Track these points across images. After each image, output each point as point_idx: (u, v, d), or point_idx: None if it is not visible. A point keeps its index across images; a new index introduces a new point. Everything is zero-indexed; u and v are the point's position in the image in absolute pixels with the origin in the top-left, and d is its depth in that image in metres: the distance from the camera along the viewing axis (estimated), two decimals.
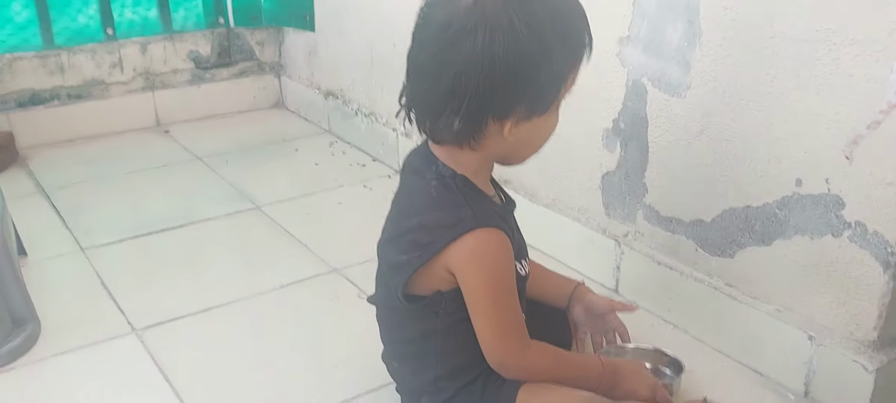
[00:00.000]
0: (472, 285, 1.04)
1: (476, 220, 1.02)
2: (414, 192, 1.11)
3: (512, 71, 0.96)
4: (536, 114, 1.02)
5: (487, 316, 1.06)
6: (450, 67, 0.96)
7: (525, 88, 0.98)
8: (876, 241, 1.13)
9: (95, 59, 2.41)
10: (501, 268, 1.04)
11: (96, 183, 2.11)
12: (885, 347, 1.18)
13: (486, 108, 0.99)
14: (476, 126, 1.00)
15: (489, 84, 0.96)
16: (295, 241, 1.79)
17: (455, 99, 0.98)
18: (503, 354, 1.07)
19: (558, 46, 0.98)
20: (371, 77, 2.23)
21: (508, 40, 0.94)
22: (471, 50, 0.95)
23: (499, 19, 0.94)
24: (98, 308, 1.53)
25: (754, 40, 1.21)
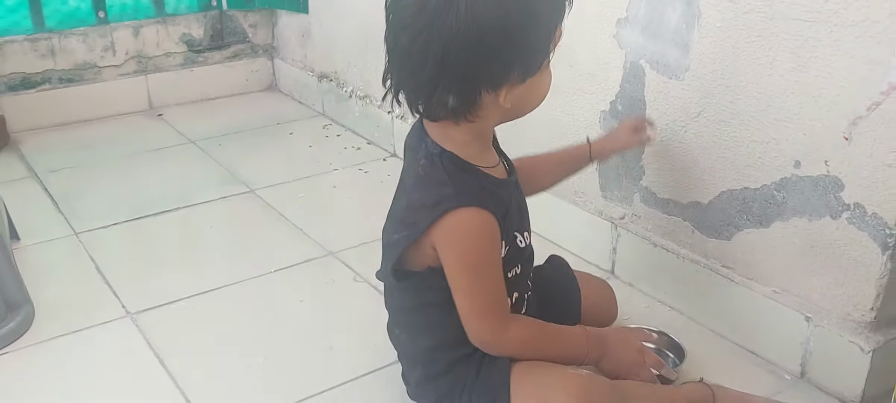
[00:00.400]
0: (451, 263, 1.04)
1: (457, 199, 1.01)
2: (406, 171, 1.12)
3: (500, 37, 0.94)
4: (530, 75, 1.00)
5: (466, 293, 1.06)
6: (436, 44, 0.94)
7: (516, 52, 0.97)
8: (874, 223, 1.13)
9: (87, 43, 2.39)
10: (480, 247, 1.04)
11: (89, 167, 2.10)
12: (881, 328, 1.18)
13: (479, 79, 0.97)
14: (471, 99, 0.99)
15: (479, 54, 0.94)
16: (290, 225, 1.79)
17: (446, 75, 0.96)
18: (482, 330, 1.07)
19: (542, 2, 0.97)
20: (366, 59, 2.22)
21: (491, 5, 0.92)
22: (455, 22, 0.92)
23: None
24: (92, 291, 1.52)
25: (754, 22, 1.20)
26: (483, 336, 1.08)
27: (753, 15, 1.20)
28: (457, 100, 0.98)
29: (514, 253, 1.11)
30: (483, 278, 1.05)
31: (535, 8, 0.96)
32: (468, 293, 1.06)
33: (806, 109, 1.17)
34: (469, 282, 1.05)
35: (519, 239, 1.12)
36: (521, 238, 1.13)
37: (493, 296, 1.07)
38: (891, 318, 1.18)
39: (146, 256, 1.67)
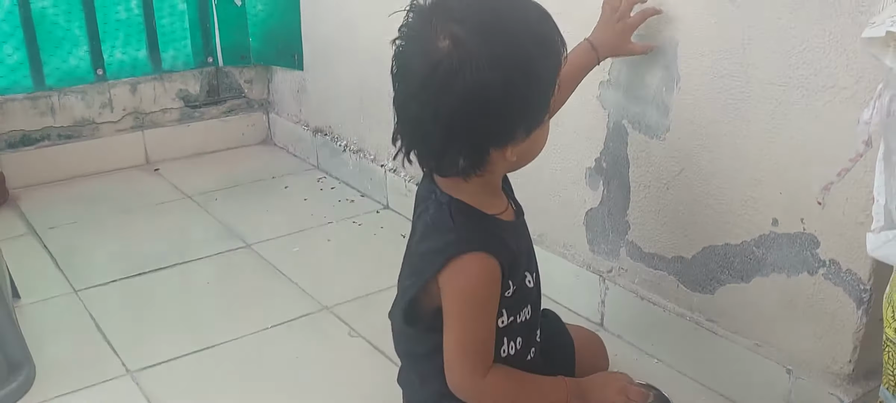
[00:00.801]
0: (448, 302, 1.09)
1: (462, 245, 1.06)
2: (418, 220, 1.16)
3: (504, 100, 0.98)
4: (534, 130, 1.06)
5: (454, 332, 1.09)
6: (444, 112, 0.98)
7: (520, 112, 1.02)
8: (849, 279, 1.17)
9: (86, 100, 2.44)
10: (478, 292, 1.07)
11: (88, 223, 2.14)
12: (860, 380, 1.22)
13: (487, 141, 1.03)
14: (480, 158, 1.04)
15: (486, 119, 0.99)
16: (285, 280, 1.82)
17: (456, 140, 1.01)
18: (461, 374, 1.09)
19: (541, 61, 1.01)
20: (359, 114, 2.27)
21: (496, 71, 0.96)
22: (462, 90, 0.97)
23: (481, 53, 0.96)
24: (92, 350, 1.55)
25: (730, 86, 1.26)
26: (461, 378, 1.10)
27: (729, 79, 1.25)
28: (466, 161, 1.03)
29: (523, 293, 1.15)
30: (474, 321, 1.09)
31: (535, 68, 1.00)
32: (456, 331, 1.09)
33: (781, 170, 1.22)
34: (459, 323, 1.09)
35: (527, 278, 1.16)
36: (530, 278, 1.17)
37: (479, 341, 1.10)
38: (868, 370, 1.22)
39: (145, 313, 1.70)
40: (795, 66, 1.16)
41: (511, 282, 1.11)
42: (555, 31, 1.04)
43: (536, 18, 1.03)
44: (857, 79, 1.09)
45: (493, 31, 0.98)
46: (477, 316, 1.09)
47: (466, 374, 1.10)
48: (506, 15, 1.00)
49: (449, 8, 1.00)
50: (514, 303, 1.13)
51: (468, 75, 0.96)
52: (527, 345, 1.20)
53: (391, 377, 1.29)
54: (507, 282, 1.11)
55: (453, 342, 1.09)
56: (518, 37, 0.99)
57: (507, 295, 1.11)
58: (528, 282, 1.16)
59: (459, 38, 0.97)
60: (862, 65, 1.08)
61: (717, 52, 1.27)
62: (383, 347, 1.51)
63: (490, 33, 0.98)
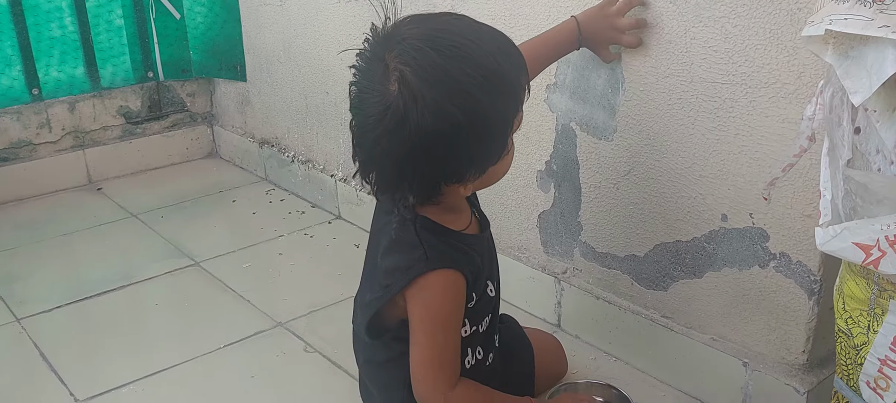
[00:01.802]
0: (415, 317, 1.08)
1: (428, 263, 1.06)
2: (380, 233, 1.15)
3: (452, 145, 0.98)
4: (490, 165, 1.05)
5: (421, 346, 1.09)
6: (393, 154, 0.99)
7: (470, 155, 1.01)
8: (800, 270, 1.19)
9: (21, 120, 2.37)
10: (445, 308, 1.08)
11: (29, 247, 2.07)
12: (814, 369, 1.24)
13: (437, 179, 1.03)
14: (431, 193, 1.04)
15: (434, 162, 1.00)
16: (237, 297, 1.79)
17: (406, 178, 1.01)
18: (427, 387, 1.10)
19: (492, 105, 0.99)
20: (306, 124, 2.24)
21: (440, 119, 0.96)
22: (408, 135, 0.97)
23: (426, 99, 0.95)
24: (38, 380, 1.50)
25: (674, 85, 1.27)
26: (428, 392, 1.10)
27: (673, 79, 1.26)
28: (418, 198, 1.05)
29: (484, 303, 1.15)
30: (441, 335, 1.09)
31: (484, 111, 0.98)
32: (423, 346, 1.09)
33: (728, 166, 1.23)
34: (426, 337, 1.08)
35: (489, 287, 1.17)
36: (491, 286, 1.18)
37: (446, 355, 1.10)
38: (822, 359, 1.24)
39: (92, 339, 1.65)
40: (738, 64, 1.18)
41: (474, 294, 1.12)
42: (514, 68, 1.01)
43: (492, 55, 0.99)
44: (798, 76, 1.11)
45: (440, 77, 0.96)
46: (445, 331, 1.09)
47: (434, 388, 1.09)
48: (456, 56, 0.97)
49: (401, 45, 0.98)
50: (475, 313, 1.13)
51: (413, 121, 0.96)
52: (486, 352, 1.20)
53: (349, 389, 1.28)
54: (470, 294, 1.11)
55: (421, 357, 1.09)
56: (466, 81, 0.96)
57: (470, 305, 1.11)
58: (489, 291, 1.17)
59: (407, 81, 0.96)
60: (802, 61, 1.10)
61: (660, 52, 1.27)
62: (340, 361, 1.49)
63: (436, 79, 0.96)
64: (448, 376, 1.10)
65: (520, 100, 1.04)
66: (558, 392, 1.34)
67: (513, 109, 1.04)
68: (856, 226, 0.83)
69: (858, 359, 0.94)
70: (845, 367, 0.97)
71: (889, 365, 0.90)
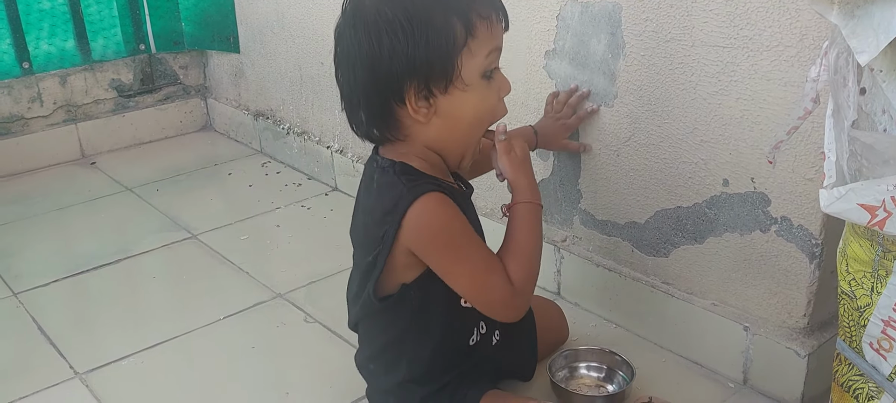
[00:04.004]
0: (432, 255, 1.08)
1: (410, 193, 1.05)
2: (363, 195, 1.16)
3: (382, 53, 1.02)
4: (437, 88, 1.05)
5: (459, 275, 1.08)
6: (341, 71, 1.09)
7: (403, 65, 1.03)
8: (801, 234, 1.19)
9: (13, 95, 2.34)
10: (448, 224, 1.07)
11: (23, 222, 2.06)
12: (814, 332, 1.24)
13: (378, 95, 1.06)
14: (381, 114, 1.07)
15: (368, 72, 1.04)
16: (235, 269, 1.78)
17: (353, 96, 1.08)
18: (497, 300, 1.10)
19: (430, 20, 1.02)
20: (301, 95, 2.23)
21: (373, 27, 1.02)
22: (347, 49, 1.06)
23: (361, 12, 1.04)
24: (38, 354, 1.50)
25: (675, 50, 1.26)
26: (504, 303, 1.10)
27: (674, 43, 1.25)
28: (367, 115, 1.08)
29: None
30: (465, 251, 1.09)
31: (422, 23, 1.02)
32: (461, 273, 1.08)
33: (730, 130, 1.22)
34: (457, 262, 1.08)
35: None
36: None
37: (484, 263, 1.10)
38: (823, 323, 1.24)
39: (90, 313, 1.65)
40: (739, 27, 1.17)
41: None
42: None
43: None
44: (801, 38, 1.10)
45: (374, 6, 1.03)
46: (465, 244, 1.09)
47: (503, 290, 1.09)
48: None
49: None
50: None
51: (348, 32, 1.05)
52: (490, 328, 1.21)
53: (350, 358, 1.28)
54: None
55: (467, 284, 1.09)
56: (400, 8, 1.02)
57: None
58: None
59: (349, 4, 1.06)
60: (805, 23, 1.09)
61: (661, 16, 1.26)
62: (340, 330, 1.49)
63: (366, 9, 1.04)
64: (500, 274, 1.10)
65: (469, 28, 1.04)
66: (559, 359, 1.34)
67: (455, 30, 1.03)
68: (861, 187, 0.82)
69: (861, 321, 0.94)
70: (848, 329, 0.97)
71: (892, 326, 0.90)
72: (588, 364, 1.34)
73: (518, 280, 1.10)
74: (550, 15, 1.43)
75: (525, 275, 1.12)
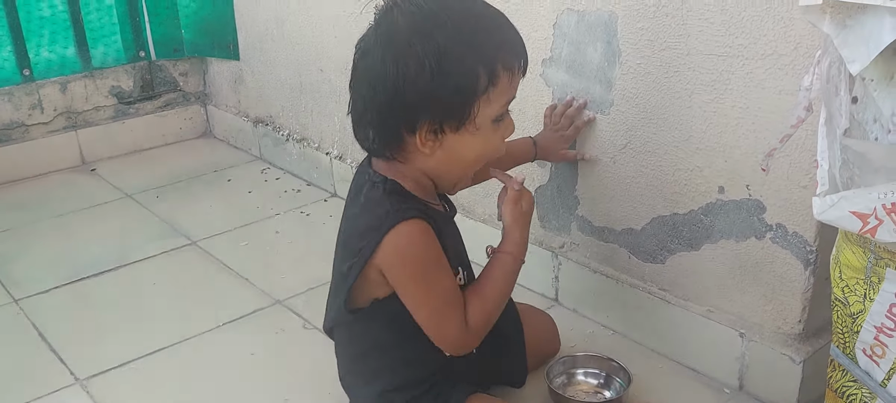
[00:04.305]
0: (401, 280, 1.09)
1: (395, 215, 1.07)
2: (350, 203, 1.18)
3: (405, 84, 1.03)
4: (448, 127, 1.07)
5: (422, 304, 1.10)
6: (359, 85, 1.09)
7: (423, 100, 1.04)
8: (796, 241, 1.20)
9: (13, 102, 2.36)
10: (423, 254, 1.09)
11: (24, 229, 2.07)
12: (809, 338, 1.25)
13: (392, 119, 1.07)
14: (389, 137, 1.09)
15: (387, 96, 1.05)
16: (234, 275, 1.79)
17: (366, 112, 1.09)
18: (451, 334, 1.12)
19: (458, 64, 1.03)
20: (300, 102, 2.24)
21: (402, 57, 1.03)
22: (370, 67, 1.06)
23: (394, 38, 1.04)
24: (39, 361, 1.51)
25: (670, 58, 1.27)
26: (455, 339, 1.13)
27: (670, 52, 1.27)
28: (376, 135, 1.10)
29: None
30: (433, 283, 1.10)
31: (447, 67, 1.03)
32: (424, 304, 1.10)
33: (725, 138, 1.23)
34: (422, 292, 1.10)
35: (459, 274, 1.18)
36: (462, 274, 1.19)
37: (447, 295, 1.11)
38: (818, 329, 1.25)
39: (91, 319, 1.65)
40: (734, 36, 1.18)
41: None
42: (496, 46, 1.06)
43: (474, 28, 1.05)
44: (795, 47, 1.11)
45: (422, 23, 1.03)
46: (435, 277, 1.10)
47: (457, 329, 1.12)
48: (441, 13, 1.04)
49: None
50: None
51: (376, 54, 1.05)
52: None
53: None
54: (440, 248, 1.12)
55: (426, 313, 1.10)
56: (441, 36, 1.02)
57: None
58: (459, 279, 1.18)
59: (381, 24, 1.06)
60: (799, 32, 1.10)
61: (657, 25, 1.27)
62: None
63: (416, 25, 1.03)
64: (458, 313, 1.12)
65: (492, 78, 1.06)
66: (556, 365, 1.34)
67: (477, 79, 1.05)
68: (853, 195, 0.83)
69: (855, 327, 0.95)
70: (842, 335, 0.98)
71: (885, 333, 0.91)
72: (585, 371, 1.35)
73: (474, 322, 1.13)
74: (547, 23, 1.44)
75: (483, 320, 1.15)
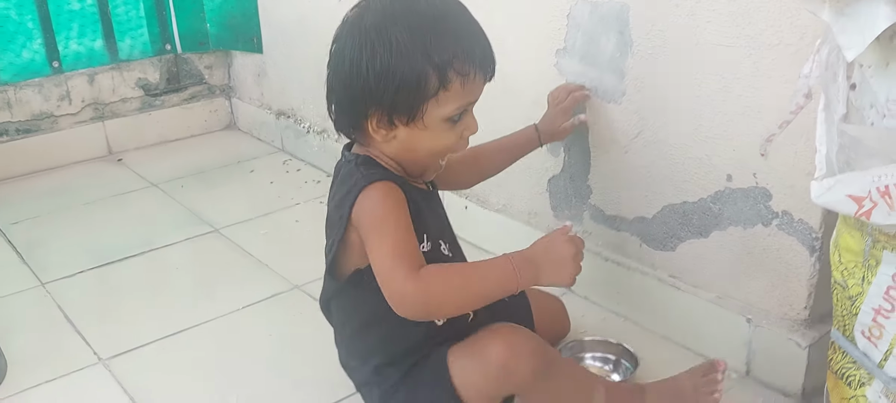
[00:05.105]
0: (365, 233, 1.11)
1: (365, 178, 1.12)
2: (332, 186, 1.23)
3: (358, 73, 1.09)
4: (398, 120, 1.11)
5: (376, 251, 1.09)
6: (328, 66, 1.16)
7: (372, 92, 1.09)
8: (801, 228, 1.21)
9: (43, 93, 2.42)
10: (384, 206, 1.11)
11: (52, 216, 2.13)
12: (815, 324, 1.27)
13: (347, 104, 1.13)
14: (348, 119, 1.15)
15: (343, 81, 1.12)
16: (255, 261, 1.84)
17: (331, 93, 1.16)
18: (399, 281, 1.06)
19: (408, 62, 1.07)
20: (321, 95, 2.24)
21: (357, 48, 1.08)
22: (336, 51, 1.14)
23: (359, 27, 1.09)
24: (63, 341, 1.55)
25: (681, 48, 1.29)
26: (401, 284, 1.06)
27: (680, 42, 1.29)
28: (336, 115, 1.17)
29: (438, 258, 1.19)
30: (394, 228, 1.10)
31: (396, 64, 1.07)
32: (378, 246, 1.09)
33: (733, 127, 1.25)
34: (378, 237, 1.09)
35: (443, 247, 1.21)
36: (445, 247, 1.22)
37: (402, 245, 1.09)
38: (823, 315, 1.27)
39: (114, 302, 1.70)
40: (742, 27, 1.20)
41: (426, 237, 1.16)
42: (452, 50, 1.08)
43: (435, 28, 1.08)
44: (801, 36, 1.13)
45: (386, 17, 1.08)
46: (392, 226, 1.10)
47: (403, 278, 1.06)
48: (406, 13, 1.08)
49: None
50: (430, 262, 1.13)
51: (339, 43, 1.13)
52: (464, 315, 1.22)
53: None
54: (421, 235, 1.14)
55: (379, 256, 1.09)
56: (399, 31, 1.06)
57: (424, 249, 1.15)
58: (444, 251, 1.21)
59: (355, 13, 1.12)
60: (804, 22, 1.12)
61: (667, 15, 1.30)
62: None
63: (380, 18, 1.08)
64: (411, 262, 1.07)
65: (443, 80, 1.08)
66: (565, 349, 1.37)
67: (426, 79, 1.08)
68: (848, 179, 0.85)
69: (853, 310, 0.96)
70: (841, 318, 1.00)
71: (882, 315, 0.93)
72: (593, 355, 1.38)
73: (427, 284, 1.06)
74: (561, 14, 1.47)
75: (439, 287, 1.08)
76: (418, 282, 1.06)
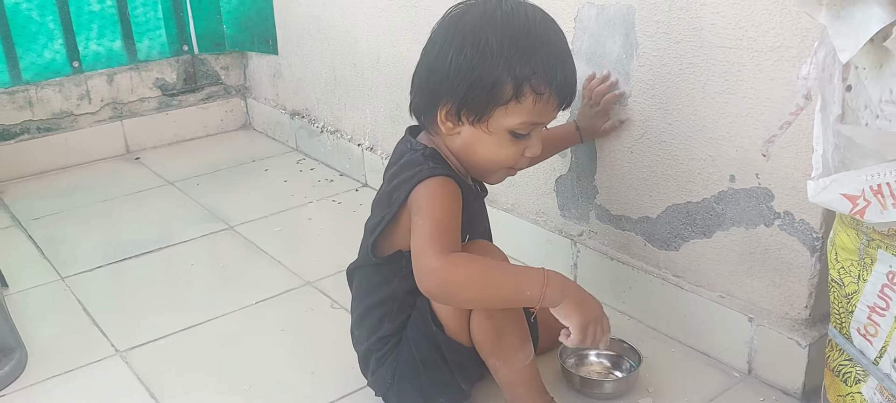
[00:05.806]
0: (416, 210, 1.15)
1: (430, 171, 1.16)
2: (389, 167, 1.26)
3: (438, 61, 1.16)
4: (466, 116, 1.16)
5: (421, 228, 1.12)
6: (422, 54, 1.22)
7: (451, 81, 1.15)
8: (803, 228, 1.23)
9: (63, 92, 2.47)
10: (441, 200, 1.14)
11: (71, 212, 2.17)
12: (816, 324, 1.28)
13: (426, 89, 1.19)
14: (422, 103, 1.21)
15: (425, 66, 1.19)
16: (268, 258, 1.87)
17: (415, 76, 1.23)
18: (427, 257, 1.09)
19: (490, 65, 1.12)
20: (334, 96, 2.31)
21: (448, 40, 1.15)
22: (431, 39, 1.19)
23: (457, 21, 1.15)
24: (81, 333, 1.60)
25: (685, 50, 1.31)
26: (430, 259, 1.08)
27: (684, 44, 1.31)
28: (415, 101, 1.23)
29: None
30: (437, 215, 1.12)
31: (478, 65, 1.12)
32: (421, 228, 1.11)
33: (736, 128, 1.28)
34: (424, 219, 1.12)
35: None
36: None
37: (447, 228, 1.12)
38: (823, 314, 1.29)
39: (131, 296, 1.75)
40: (745, 29, 1.22)
41: (467, 237, 1.20)
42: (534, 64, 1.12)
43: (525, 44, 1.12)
44: (801, 39, 1.15)
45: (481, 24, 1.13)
46: (443, 210, 1.13)
47: (434, 255, 1.08)
48: (505, 20, 1.13)
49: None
50: None
51: (432, 38, 1.19)
52: None
53: None
54: (464, 234, 1.18)
55: (421, 234, 1.12)
56: (490, 37, 1.12)
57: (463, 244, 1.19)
58: None
59: (446, 16, 1.18)
60: (805, 25, 1.14)
61: (672, 18, 1.32)
62: None
63: (474, 23, 1.13)
64: (447, 244, 1.10)
65: (520, 89, 1.13)
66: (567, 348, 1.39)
67: (506, 82, 1.13)
68: (843, 178, 0.87)
69: (850, 307, 0.99)
70: (838, 316, 1.02)
71: (877, 312, 0.95)
72: (597, 352, 1.40)
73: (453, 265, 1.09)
74: (569, 17, 1.49)
75: (462, 271, 1.09)
76: (445, 261, 1.08)
